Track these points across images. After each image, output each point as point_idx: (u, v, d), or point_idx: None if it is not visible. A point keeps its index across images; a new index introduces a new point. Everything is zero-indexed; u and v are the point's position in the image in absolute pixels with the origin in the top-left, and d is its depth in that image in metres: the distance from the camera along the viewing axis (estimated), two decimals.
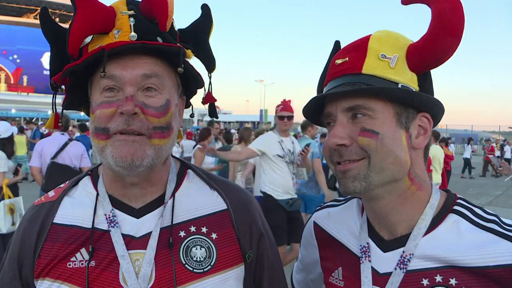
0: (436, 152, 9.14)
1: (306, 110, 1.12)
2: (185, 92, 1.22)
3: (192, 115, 1.27)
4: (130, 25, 1.04)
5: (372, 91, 0.98)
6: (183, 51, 1.08)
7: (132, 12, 1.06)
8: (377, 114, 0.98)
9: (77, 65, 1.02)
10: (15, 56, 52.54)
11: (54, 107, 1.15)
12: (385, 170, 0.98)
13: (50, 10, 1.10)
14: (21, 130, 14.25)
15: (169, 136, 1.08)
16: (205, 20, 1.24)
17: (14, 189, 5.49)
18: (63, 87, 1.09)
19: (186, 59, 1.13)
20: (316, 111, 1.11)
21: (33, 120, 27.37)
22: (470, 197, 12.58)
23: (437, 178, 9.18)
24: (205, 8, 1.24)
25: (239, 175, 7.37)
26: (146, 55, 1.04)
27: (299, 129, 10.96)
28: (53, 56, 1.11)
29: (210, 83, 1.24)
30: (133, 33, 1.03)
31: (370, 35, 1.06)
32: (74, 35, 1.02)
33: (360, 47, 1.03)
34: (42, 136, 15.88)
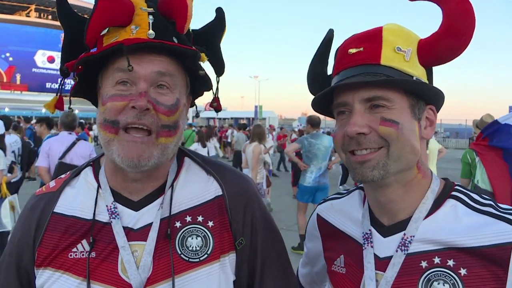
0: (432, 145, 9.20)
1: (319, 100, 1.11)
2: (192, 93, 1.23)
3: (197, 115, 1.28)
4: (149, 22, 1.06)
5: (394, 83, 1.01)
6: (198, 54, 1.10)
7: (151, 9, 1.08)
8: (395, 105, 1.01)
9: (93, 55, 1.04)
10: (8, 55, 51.93)
11: (60, 90, 1.15)
12: (402, 159, 1.01)
13: (42, 7, 1.10)
14: (15, 128, 14.13)
15: (175, 135, 1.10)
16: (218, 23, 1.25)
17: (10, 186, 5.50)
18: (73, 75, 1.09)
19: (200, 62, 1.15)
20: (324, 101, 1.13)
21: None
22: None
23: (433, 170, 9.23)
24: (219, 12, 1.25)
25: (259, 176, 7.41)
26: (161, 53, 1.06)
27: (294, 124, 10.97)
28: (67, 43, 1.12)
29: (217, 87, 1.24)
30: (151, 31, 1.05)
31: (381, 26, 1.08)
32: (93, 26, 1.03)
33: (374, 37, 1.05)
34: (33, 133, 15.74)
